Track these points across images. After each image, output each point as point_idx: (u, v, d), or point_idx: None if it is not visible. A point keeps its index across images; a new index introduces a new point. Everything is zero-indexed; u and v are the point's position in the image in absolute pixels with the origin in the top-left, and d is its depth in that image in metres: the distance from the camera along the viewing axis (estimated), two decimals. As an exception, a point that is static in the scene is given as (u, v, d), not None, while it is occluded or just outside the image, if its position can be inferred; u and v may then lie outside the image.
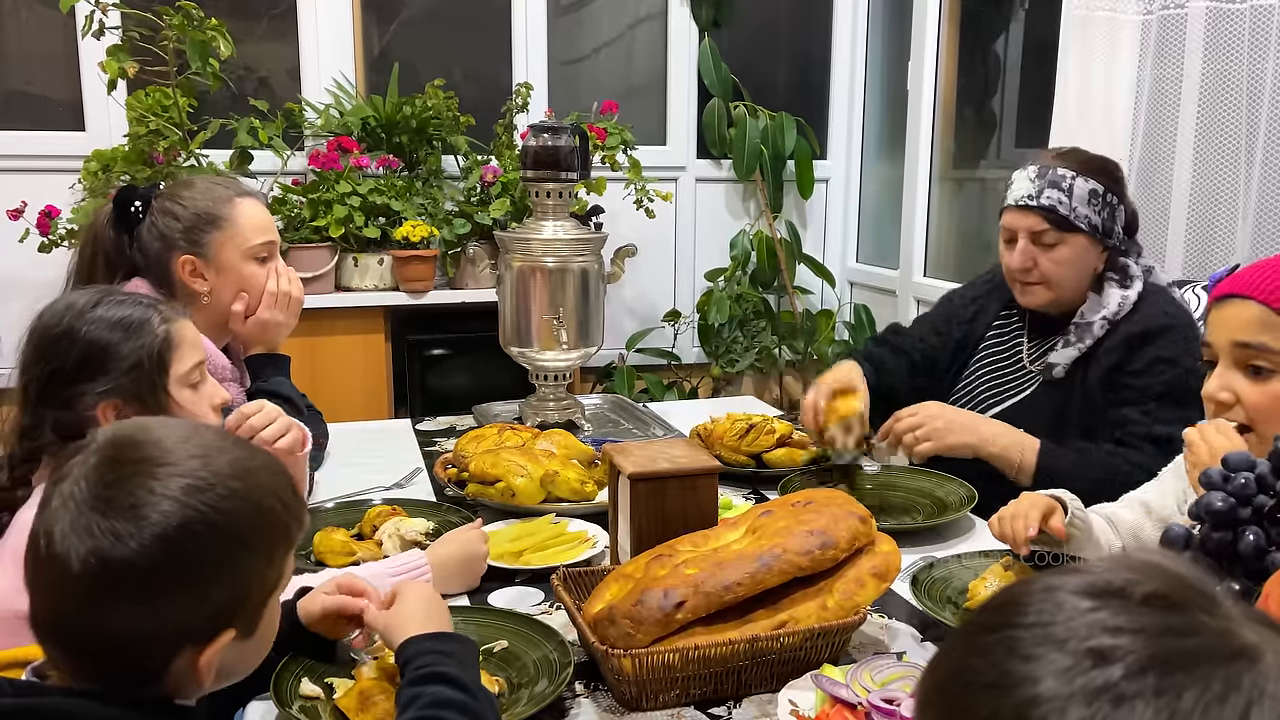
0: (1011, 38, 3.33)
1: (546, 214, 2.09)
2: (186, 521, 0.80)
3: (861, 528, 1.23)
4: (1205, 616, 0.50)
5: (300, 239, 3.06)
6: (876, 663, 1.14)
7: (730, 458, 1.84)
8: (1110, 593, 0.51)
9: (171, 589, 0.80)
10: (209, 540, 0.82)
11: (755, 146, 3.68)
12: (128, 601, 0.79)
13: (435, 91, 3.25)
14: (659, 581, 1.15)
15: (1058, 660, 0.48)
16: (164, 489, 0.80)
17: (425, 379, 3.32)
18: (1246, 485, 0.95)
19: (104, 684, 0.82)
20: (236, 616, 0.85)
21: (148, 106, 2.94)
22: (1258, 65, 2.20)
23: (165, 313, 1.27)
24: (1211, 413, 1.26)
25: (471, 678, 0.99)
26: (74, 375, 1.20)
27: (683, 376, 3.80)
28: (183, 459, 0.82)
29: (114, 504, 0.80)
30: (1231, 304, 1.21)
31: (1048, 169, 1.78)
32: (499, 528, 1.57)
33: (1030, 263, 1.79)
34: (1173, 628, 0.49)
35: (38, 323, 1.24)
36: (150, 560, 0.79)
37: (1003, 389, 1.90)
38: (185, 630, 0.82)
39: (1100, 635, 0.48)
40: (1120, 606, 0.50)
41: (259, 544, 0.86)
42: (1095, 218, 1.77)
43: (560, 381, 2.17)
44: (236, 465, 0.85)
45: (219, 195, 1.73)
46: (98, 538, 0.79)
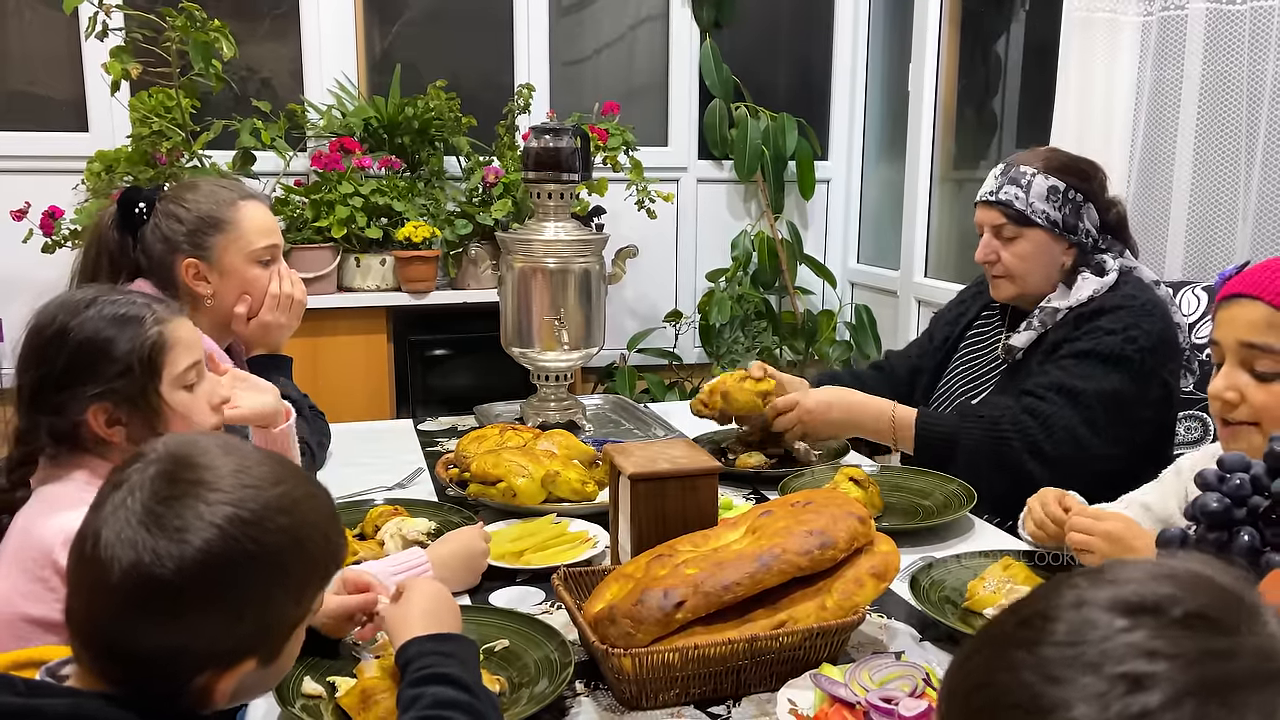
0: (1012, 39, 3.33)
1: (548, 215, 2.10)
2: (228, 551, 0.81)
3: (860, 528, 1.24)
4: (1246, 635, 0.48)
5: (302, 240, 3.07)
6: (875, 662, 1.15)
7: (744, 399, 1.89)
8: (1146, 610, 0.48)
9: (202, 613, 0.81)
10: (247, 571, 0.82)
11: (756, 147, 3.69)
12: (158, 618, 0.80)
13: (437, 92, 3.26)
14: (659, 581, 1.16)
15: (1091, 685, 0.46)
16: (212, 515, 0.81)
17: (427, 379, 3.33)
18: (1241, 486, 0.96)
19: (122, 688, 0.82)
20: (261, 645, 0.86)
21: (150, 107, 2.95)
22: (1258, 66, 2.21)
23: (159, 312, 1.24)
24: (1217, 411, 1.26)
25: (473, 677, 1.00)
26: (64, 378, 1.18)
27: (684, 377, 3.81)
28: (235, 488, 0.83)
29: (162, 522, 0.81)
30: (1239, 303, 1.22)
31: (1011, 166, 1.88)
32: (500, 528, 1.57)
33: (993, 255, 1.89)
34: (1212, 651, 0.47)
35: (33, 323, 1.23)
36: (186, 583, 0.80)
37: (978, 379, 1.97)
38: (210, 653, 0.83)
39: (1136, 659, 0.46)
40: (1157, 626, 0.47)
41: (295, 579, 0.87)
42: (1055, 213, 1.84)
43: (561, 382, 2.17)
44: (285, 499, 0.86)
45: (223, 198, 1.74)
46: (140, 553, 0.79)
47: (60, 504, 1.16)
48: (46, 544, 1.12)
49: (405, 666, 1.01)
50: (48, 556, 1.11)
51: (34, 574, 1.12)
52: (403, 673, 1.01)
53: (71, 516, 1.12)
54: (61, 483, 1.20)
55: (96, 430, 1.20)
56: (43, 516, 1.15)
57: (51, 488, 1.20)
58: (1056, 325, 1.84)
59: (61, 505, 1.16)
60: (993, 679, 0.50)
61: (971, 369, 2.01)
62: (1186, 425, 1.97)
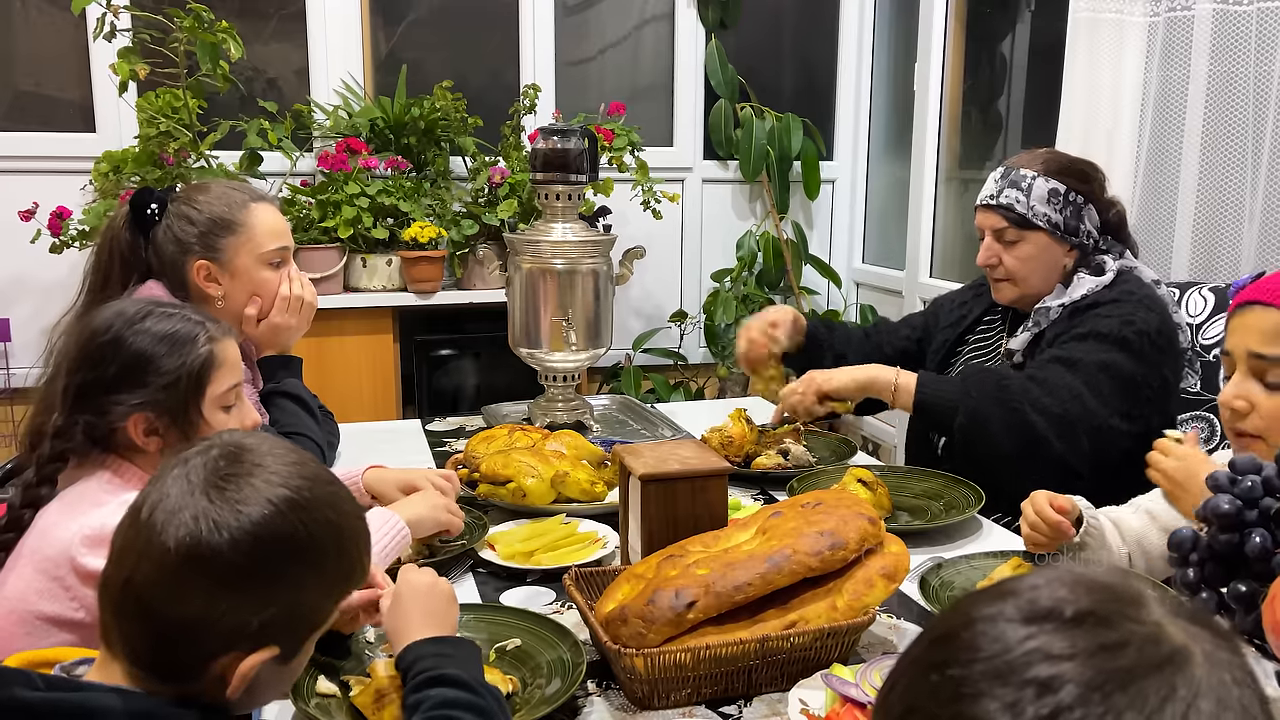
0: (1018, 39, 3.33)
1: (556, 216, 2.10)
2: (279, 530, 0.85)
3: (871, 529, 1.24)
4: (1134, 625, 0.51)
5: (309, 240, 3.08)
6: (886, 663, 1.15)
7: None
8: (1042, 616, 0.52)
9: (243, 586, 0.84)
10: (291, 553, 0.86)
11: (762, 147, 3.69)
12: (203, 584, 0.83)
13: (443, 93, 3.26)
14: (670, 582, 1.16)
15: (1004, 694, 0.49)
16: (270, 493, 0.85)
17: (433, 379, 3.33)
18: (1253, 488, 0.96)
19: (144, 668, 0.84)
20: (285, 635, 0.87)
21: (158, 108, 2.96)
22: (1265, 67, 2.21)
23: (211, 331, 1.27)
24: (1226, 419, 1.26)
25: (475, 676, 1.00)
26: (113, 384, 1.21)
27: (689, 377, 3.81)
28: (291, 477, 0.88)
29: (225, 493, 0.85)
30: (1252, 311, 1.22)
31: (1012, 169, 1.87)
32: (510, 528, 1.58)
33: (995, 259, 1.89)
34: (1105, 645, 0.50)
35: (85, 327, 1.25)
36: (236, 553, 0.83)
37: None
38: (238, 631, 0.84)
39: (1040, 664, 0.49)
40: (1054, 629, 0.51)
41: (330, 575, 0.90)
42: (1055, 216, 1.84)
43: (569, 382, 2.18)
44: (334, 497, 0.90)
45: (234, 200, 1.75)
46: (199, 521, 0.83)
47: (81, 504, 1.17)
48: (65, 543, 1.13)
49: (405, 671, 1.02)
50: (65, 555, 1.12)
51: (51, 573, 1.13)
52: (404, 677, 1.02)
53: (92, 517, 1.14)
54: (84, 483, 1.21)
55: (134, 437, 1.22)
56: (63, 516, 1.17)
57: (74, 488, 1.21)
58: (1052, 323, 1.84)
59: (83, 506, 1.17)
60: (916, 703, 0.53)
61: None
62: (1194, 426, 1.97)
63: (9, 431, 3.20)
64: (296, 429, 1.80)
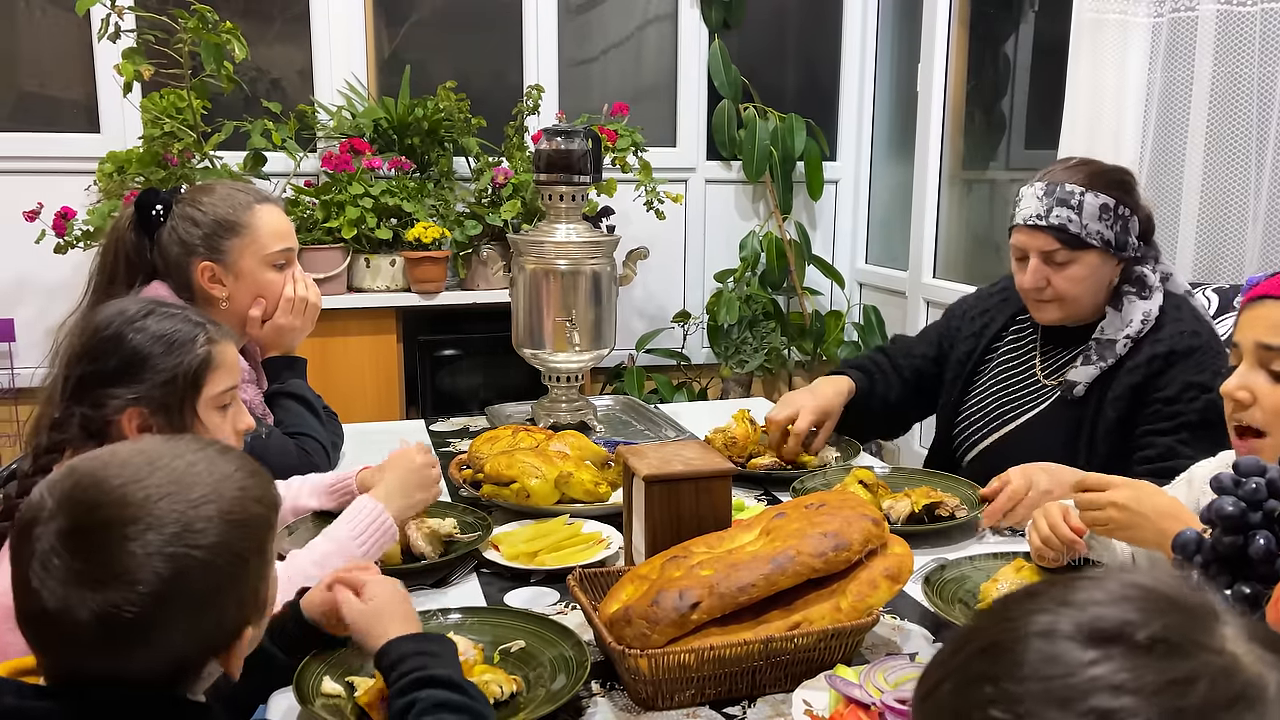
0: (1021, 40, 3.33)
1: (559, 217, 2.10)
2: (180, 570, 0.81)
3: (874, 530, 1.24)
4: (1208, 655, 0.48)
5: (313, 240, 3.08)
6: (890, 663, 1.16)
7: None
8: (1109, 638, 0.49)
9: (182, 625, 0.82)
10: (208, 574, 0.83)
11: (765, 148, 3.69)
12: (142, 648, 0.81)
13: (446, 93, 3.27)
14: (674, 583, 1.17)
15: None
16: (144, 549, 0.80)
17: (436, 379, 3.34)
18: (1257, 490, 0.96)
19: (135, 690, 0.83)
20: (251, 615, 0.88)
21: (162, 109, 2.97)
22: (1269, 68, 2.21)
23: (211, 333, 1.29)
24: (1229, 411, 1.27)
25: (460, 676, 1.00)
26: (110, 378, 1.23)
27: (692, 377, 3.82)
28: (152, 509, 0.81)
29: (99, 577, 0.79)
30: (1264, 305, 1.22)
31: (1055, 185, 1.73)
32: (514, 529, 1.58)
33: (1043, 282, 1.76)
34: (1175, 680, 0.47)
35: (88, 323, 1.27)
36: (155, 615, 0.80)
37: (1016, 403, 1.87)
38: (207, 646, 0.85)
39: (1102, 694, 0.47)
40: (1121, 657, 0.48)
41: (252, 550, 0.87)
42: (1108, 233, 1.73)
43: (572, 383, 2.18)
44: (210, 490, 0.84)
45: (239, 202, 1.75)
46: (96, 608, 0.79)
47: None
48: None
49: (389, 670, 1.00)
50: None
51: None
52: (386, 675, 1.01)
53: None
54: None
55: (127, 431, 1.23)
56: None
57: None
58: (1122, 362, 1.73)
59: None
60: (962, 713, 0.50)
61: (1007, 389, 1.90)
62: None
63: (13, 431, 3.21)
64: (301, 429, 1.80)
